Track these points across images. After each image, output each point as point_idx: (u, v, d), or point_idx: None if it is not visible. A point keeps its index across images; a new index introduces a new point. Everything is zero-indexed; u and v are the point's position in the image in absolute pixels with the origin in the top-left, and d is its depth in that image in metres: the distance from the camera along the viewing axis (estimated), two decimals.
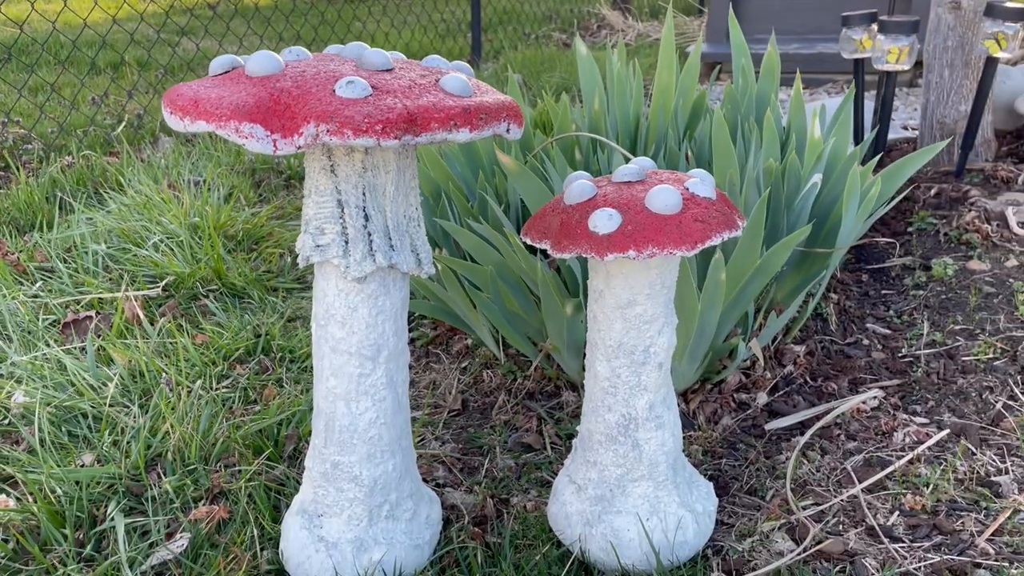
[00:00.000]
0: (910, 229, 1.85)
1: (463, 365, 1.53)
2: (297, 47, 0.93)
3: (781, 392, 1.39)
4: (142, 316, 1.61)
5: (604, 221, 0.89)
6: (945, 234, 1.79)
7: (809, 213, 1.40)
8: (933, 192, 1.97)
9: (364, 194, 0.94)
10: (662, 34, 1.73)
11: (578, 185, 0.95)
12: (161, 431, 1.27)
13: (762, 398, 1.37)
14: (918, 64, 3.64)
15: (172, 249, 1.89)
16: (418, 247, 1.00)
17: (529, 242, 0.98)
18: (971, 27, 2.06)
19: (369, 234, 0.95)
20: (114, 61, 4.25)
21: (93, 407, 1.36)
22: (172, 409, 1.30)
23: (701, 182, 0.94)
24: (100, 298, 1.71)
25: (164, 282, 1.79)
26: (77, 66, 4.21)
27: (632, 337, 0.97)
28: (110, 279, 1.82)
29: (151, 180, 2.34)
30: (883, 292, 1.65)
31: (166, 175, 2.44)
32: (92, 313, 1.65)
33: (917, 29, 1.95)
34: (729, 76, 3.92)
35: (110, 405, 1.36)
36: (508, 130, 0.90)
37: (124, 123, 3.32)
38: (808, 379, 1.42)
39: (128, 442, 1.27)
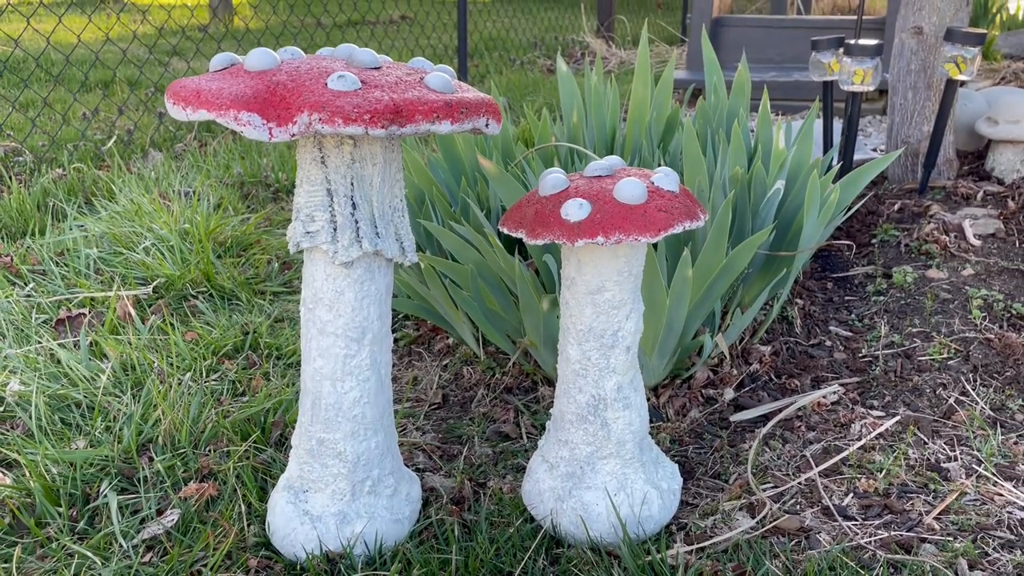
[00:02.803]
0: (873, 241, 1.94)
1: (444, 363, 1.59)
2: (292, 47, 1.00)
3: (747, 388, 1.46)
4: (133, 314, 1.66)
5: (575, 210, 0.96)
6: (906, 245, 1.87)
7: (773, 218, 1.48)
8: (896, 207, 2.06)
9: (352, 184, 1.01)
10: (638, 52, 1.82)
11: (552, 178, 1.02)
12: (152, 418, 1.32)
13: (729, 393, 1.44)
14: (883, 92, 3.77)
15: (162, 253, 1.95)
16: (402, 236, 1.06)
17: (506, 231, 1.05)
18: (932, 51, 2.16)
19: (356, 222, 1.01)
20: (105, 79, 4.31)
21: (86, 396, 1.42)
22: (163, 397, 1.35)
23: (665, 177, 1.02)
24: (92, 297, 1.77)
25: (155, 283, 1.84)
26: (68, 83, 4.27)
27: (601, 322, 1.04)
28: (101, 281, 1.88)
29: (142, 190, 2.40)
30: (846, 298, 1.73)
31: (156, 186, 2.50)
32: (85, 311, 1.70)
33: (881, 52, 2.04)
34: None
35: (102, 394, 1.41)
36: (487, 125, 0.97)
37: (114, 138, 3.38)
38: (773, 376, 1.49)
39: (120, 428, 1.32)
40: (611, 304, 1.04)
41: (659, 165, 1.63)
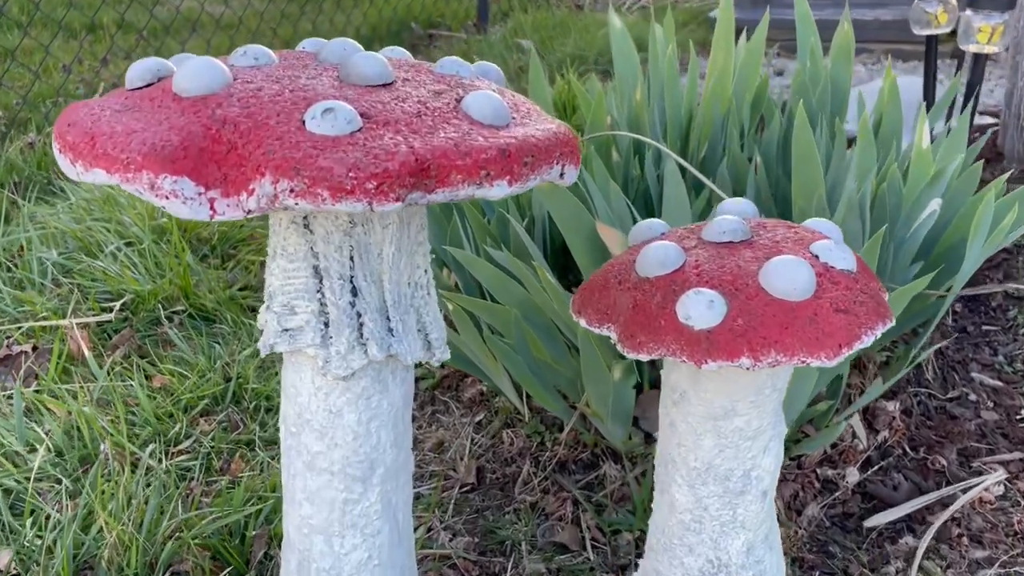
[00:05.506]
0: (1006, 245, 1.56)
1: (477, 419, 1.25)
2: (254, 46, 0.64)
3: (875, 467, 1.11)
4: (87, 353, 1.33)
5: (702, 310, 0.61)
6: None
7: (919, 246, 1.11)
8: None
9: (352, 259, 0.65)
10: (720, 5, 1.43)
11: (658, 249, 0.66)
12: (97, 525, 1.00)
13: (852, 475, 1.10)
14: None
15: (132, 260, 1.60)
16: (427, 324, 0.71)
17: (585, 325, 0.70)
18: None
19: (359, 315, 0.67)
20: (87, 23, 3.91)
21: (18, 482, 1.09)
22: (111, 496, 1.02)
23: (835, 246, 0.66)
24: (43, 326, 1.43)
25: (121, 301, 1.50)
26: (51, 28, 3.88)
27: (728, 458, 0.70)
28: (59, 295, 1.54)
29: None
30: (985, 328, 1.37)
31: None
32: (28, 348, 1.37)
33: (1014, 5, 1.65)
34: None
35: (37, 479, 1.09)
36: (562, 174, 0.62)
37: (98, 93, 3.01)
38: (907, 448, 1.14)
39: (54, 539, 0.99)
40: (743, 434, 0.69)
41: (756, 163, 1.26)
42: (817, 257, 0.65)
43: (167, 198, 0.53)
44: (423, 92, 0.61)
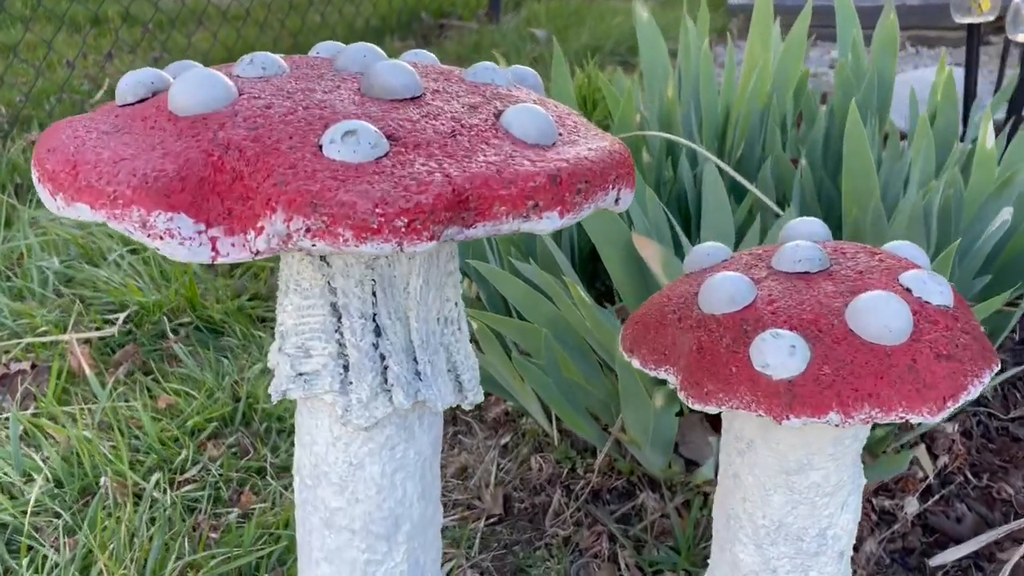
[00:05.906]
0: None
1: (503, 442, 1.17)
2: (261, 54, 0.55)
3: (936, 496, 1.03)
4: (88, 371, 1.25)
5: (783, 357, 0.53)
6: None
7: (986, 257, 1.03)
8: None
9: (375, 294, 0.57)
10: None
11: (725, 281, 0.58)
12: (96, 568, 0.93)
13: (911, 505, 1.02)
14: (999, 19, 3.21)
15: (137, 269, 1.53)
16: (458, 364, 0.63)
17: (639, 366, 0.61)
18: None
19: (382, 357, 0.58)
20: (91, 16, 3.83)
21: (14, 516, 1.02)
22: (112, 534, 0.95)
23: (930, 278, 0.57)
24: (42, 341, 1.36)
25: (125, 314, 1.43)
26: (53, 22, 3.80)
27: (801, 516, 0.62)
28: (59, 307, 1.47)
29: None
30: None
31: None
32: (27, 366, 1.30)
33: None
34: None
35: (34, 512, 1.02)
36: (618, 199, 0.54)
37: (103, 89, 2.94)
38: (969, 475, 1.06)
39: None
40: (820, 490, 0.61)
41: (802, 166, 1.17)
42: (909, 291, 0.56)
43: (161, 238, 0.45)
44: (456, 106, 0.52)
